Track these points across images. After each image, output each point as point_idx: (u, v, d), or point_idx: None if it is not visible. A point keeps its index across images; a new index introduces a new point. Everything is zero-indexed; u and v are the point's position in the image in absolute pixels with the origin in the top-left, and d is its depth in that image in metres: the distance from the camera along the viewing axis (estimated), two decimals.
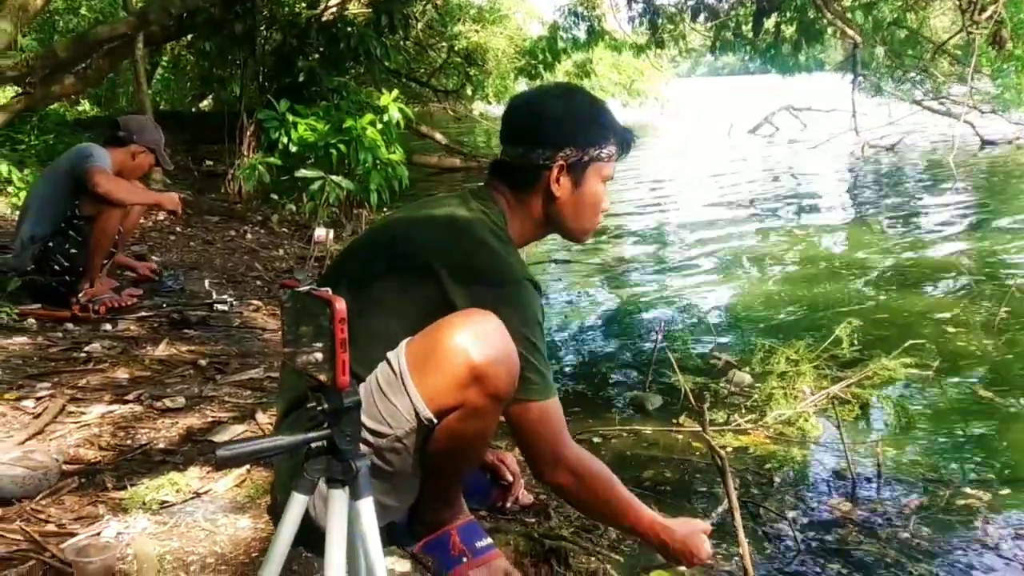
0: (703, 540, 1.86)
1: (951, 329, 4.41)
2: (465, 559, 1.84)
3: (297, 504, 1.13)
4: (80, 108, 11.53)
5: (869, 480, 2.83)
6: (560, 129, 1.80)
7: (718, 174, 11.94)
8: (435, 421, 1.64)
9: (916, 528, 2.50)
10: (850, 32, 8.93)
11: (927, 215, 8.27)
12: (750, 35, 11.86)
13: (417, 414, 1.63)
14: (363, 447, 1.22)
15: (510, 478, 2.25)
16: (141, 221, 4.77)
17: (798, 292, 5.39)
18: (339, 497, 1.12)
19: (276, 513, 1.89)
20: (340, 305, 1.07)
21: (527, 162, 1.81)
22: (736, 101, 24.96)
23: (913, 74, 12.55)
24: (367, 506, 1.13)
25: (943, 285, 5.49)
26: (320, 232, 5.97)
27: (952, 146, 8.45)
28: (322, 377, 1.11)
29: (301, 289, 1.13)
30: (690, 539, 1.84)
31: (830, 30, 10.54)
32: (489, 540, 1.91)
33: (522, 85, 15.43)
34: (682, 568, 2.05)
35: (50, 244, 3.73)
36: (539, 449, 1.74)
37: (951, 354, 4.00)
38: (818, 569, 2.31)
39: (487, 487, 2.25)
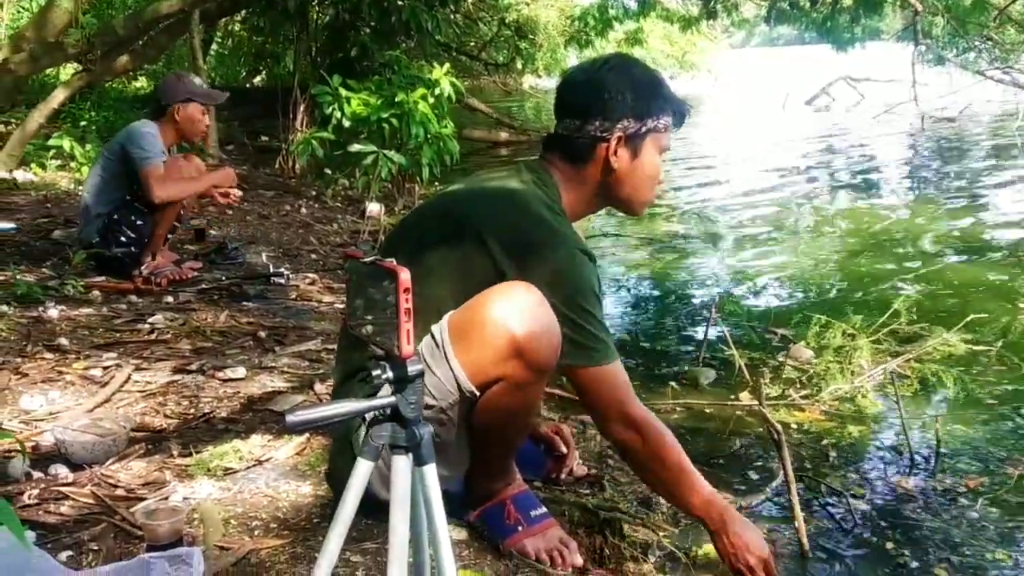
0: (763, 548, 1.79)
1: (1020, 304, 4.29)
2: (520, 527, 1.87)
3: (363, 469, 1.15)
4: (137, 84, 11.72)
5: (928, 458, 2.78)
6: (618, 100, 1.79)
7: (772, 146, 11.75)
8: (477, 393, 1.66)
9: (983, 509, 2.43)
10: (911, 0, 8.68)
11: (990, 186, 8.05)
12: (806, 5, 11.57)
13: (459, 386, 1.65)
14: None
15: (564, 450, 2.27)
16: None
17: (856, 265, 5.30)
18: (403, 463, 1.14)
19: (334, 479, 1.93)
20: (405, 275, 1.09)
21: (585, 134, 1.81)
22: (792, 72, 24.46)
23: (977, 42, 12.15)
24: (431, 472, 1.15)
25: (1007, 259, 5.34)
26: (373, 207, 6.03)
27: (1017, 116, 8.19)
28: (387, 346, 1.12)
29: (366, 260, 1.14)
30: (749, 540, 1.78)
31: None
32: (544, 509, 1.93)
33: (572, 56, 15.33)
34: None
35: (115, 217, 3.83)
36: (605, 406, 1.77)
37: (1016, 329, 3.90)
38: (875, 545, 2.28)
39: (541, 458, 2.27)
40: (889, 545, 2.27)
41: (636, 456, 1.81)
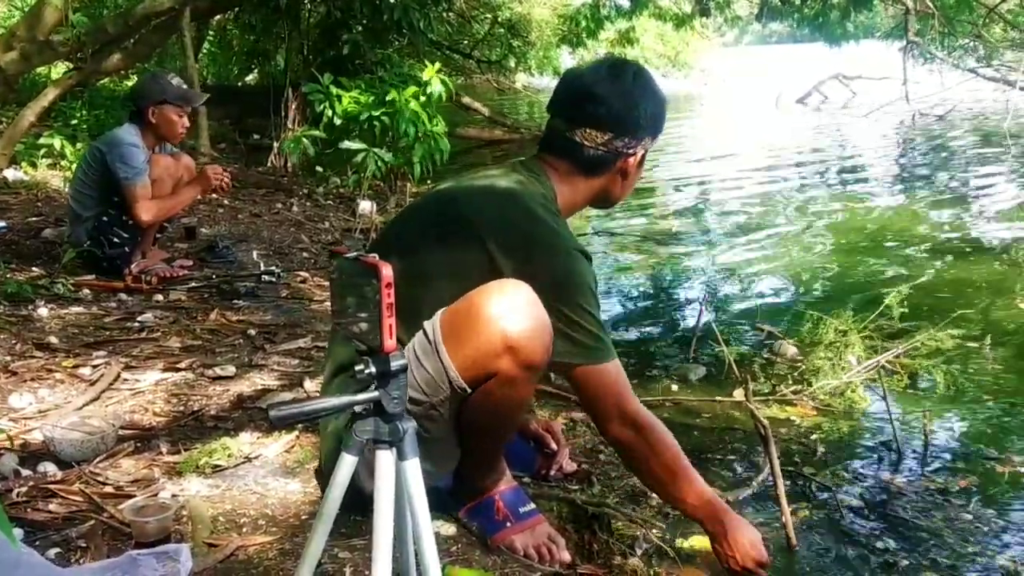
0: (761, 551, 1.83)
1: (1007, 299, 4.30)
2: (509, 523, 1.88)
3: (347, 464, 1.16)
4: (129, 83, 11.68)
5: (917, 453, 2.79)
6: (646, 119, 1.85)
7: (764, 144, 11.76)
8: (468, 390, 1.67)
9: (975, 508, 2.42)
10: None
11: (980, 184, 8.07)
12: (798, 2, 11.61)
13: (451, 382, 1.66)
14: None
15: (555, 446, 2.28)
16: None
17: (845, 262, 5.31)
18: (386, 458, 1.15)
19: (323, 476, 1.94)
20: (387, 270, 1.09)
21: (611, 149, 1.84)
22: (785, 70, 24.46)
23: (966, 40, 12.20)
24: (413, 467, 1.15)
25: (996, 255, 5.36)
26: (365, 205, 6.02)
27: (1006, 114, 8.21)
28: (370, 341, 1.13)
29: (349, 256, 1.15)
30: (749, 543, 1.81)
31: None
32: (533, 505, 1.94)
33: (565, 55, 15.32)
34: None
35: (103, 219, 3.81)
36: (603, 405, 1.78)
37: (1005, 325, 3.92)
38: (863, 539, 2.29)
39: (532, 455, 2.28)
40: (877, 541, 2.28)
41: (634, 454, 1.83)
